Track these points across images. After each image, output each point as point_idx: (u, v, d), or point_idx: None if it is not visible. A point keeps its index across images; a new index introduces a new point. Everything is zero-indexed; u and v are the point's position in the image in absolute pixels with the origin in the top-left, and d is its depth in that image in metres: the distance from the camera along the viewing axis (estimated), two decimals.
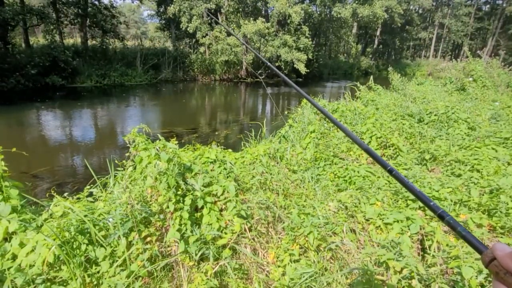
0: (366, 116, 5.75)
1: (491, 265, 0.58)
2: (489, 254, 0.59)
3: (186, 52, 25.27)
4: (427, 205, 0.77)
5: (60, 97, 15.05)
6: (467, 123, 5.89)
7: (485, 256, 0.60)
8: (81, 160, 7.06)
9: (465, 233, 0.67)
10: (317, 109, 1.37)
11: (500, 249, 0.57)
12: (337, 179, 4.14)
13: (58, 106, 13.19)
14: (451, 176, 4.05)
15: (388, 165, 0.93)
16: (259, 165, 3.83)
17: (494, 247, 0.58)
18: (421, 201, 0.79)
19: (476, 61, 11.88)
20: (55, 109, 12.67)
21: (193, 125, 10.46)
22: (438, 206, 0.76)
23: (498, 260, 0.57)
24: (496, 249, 0.58)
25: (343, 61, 39.95)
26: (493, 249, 0.58)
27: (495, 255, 0.58)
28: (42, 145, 8.31)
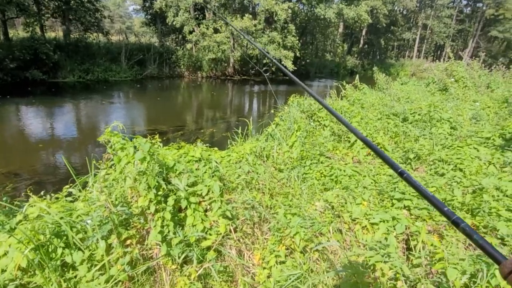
0: (352, 115, 5.77)
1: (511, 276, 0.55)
2: (509, 265, 0.56)
3: (172, 48, 24.88)
4: (441, 210, 0.72)
5: (41, 92, 14.55)
6: (449, 122, 6.00)
7: (505, 267, 0.57)
8: (62, 158, 6.83)
9: (481, 242, 0.63)
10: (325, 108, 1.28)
11: None
12: (323, 178, 4.13)
13: (39, 102, 12.73)
14: (435, 175, 4.11)
15: (399, 168, 0.88)
16: (245, 164, 3.78)
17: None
18: (434, 206, 0.74)
19: (458, 62, 12.15)
20: (35, 105, 12.23)
21: (179, 123, 10.29)
22: (452, 212, 0.71)
23: None
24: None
25: (330, 60, 40.26)
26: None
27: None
28: (20, 142, 8.00)
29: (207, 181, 2.57)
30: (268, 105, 16.38)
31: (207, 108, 14.54)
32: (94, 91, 16.13)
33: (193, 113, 12.94)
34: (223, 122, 10.77)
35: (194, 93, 19.36)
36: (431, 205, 0.75)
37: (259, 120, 11.30)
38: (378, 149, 1.03)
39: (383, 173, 4.07)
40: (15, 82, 15.03)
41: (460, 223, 0.68)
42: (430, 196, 0.76)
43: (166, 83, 21.16)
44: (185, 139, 8.03)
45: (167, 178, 2.65)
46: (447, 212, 0.71)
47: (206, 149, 4.00)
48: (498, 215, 2.63)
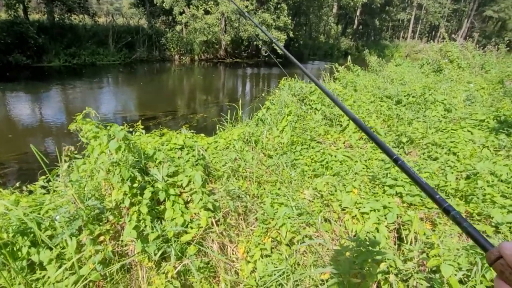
0: (344, 98, 5.60)
1: (497, 263, 0.57)
2: (495, 253, 0.58)
3: (162, 30, 24.13)
4: (433, 198, 0.74)
5: (25, 77, 14.05)
6: (443, 104, 5.87)
7: (491, 254, 0.58)
8: (43, 147, 6.59)
9: (470, 229, 0.64)
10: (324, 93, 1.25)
11: (509, 248, 0.56)
12: (314, 164, 4.00)
13: (22, 88, 12.30)
14: (428, 159, 4.00)
15: (394, 154, 0.90)
16: (232, 151, 3.62)
17: (503, 246, 0.57)
18: (426, 193, 0.76)
19: (452, 43, 11.95)
20: (18, 91, 11.81)
21: (169, 108, 10.02)
22: (444, 199, 0.72)
23: (505, 259, 0.56)
24: (504, 248, 0.56)
25: (324, 41, 39.62)
26: (500, 248, 0.57)
27: (502, 254, 0.56)
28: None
29: (188, 171, 2.41)
30: (261, 88, 16.09)
31: (198, 92, 14.23)
32: (81, 76, 15.62)
33: (183, 97, 12.63)
34: (214, 106, 10.53)
35: (185, 76, 18.92)
36: (424, 192, 0.77)
37: (251, 104, 11.08)
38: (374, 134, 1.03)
39: (375, 158, 3.95)
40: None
41: (451, 211, 0.69)
42: (423, 184, 0.77)
43: (156, 67, 20.62)
44: (174, 124, 7.81)
45: (146, 168, 2.48)
46: (439, 200, 0.72)
47: (191, 135, 3.83)
48: (492, 202, 2.53)
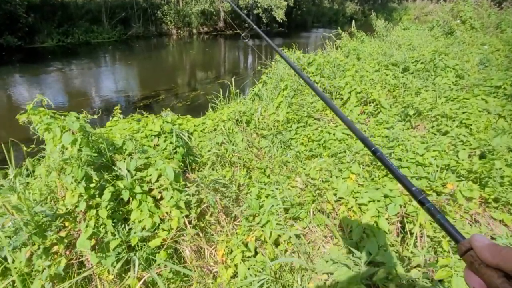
0: (346, 68, 5.14)
1: (467, 254, 0.58)
2: (466, 244, 0.59)
3: (158, 3, 23.11)
4: (409, 190, 0.76)
5: (18, 60, 13.65)
6: (455, 70, 5.36)
7: (462, 245, 0.60)
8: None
9: (443, 221, 0.66)
10: (290, 66, 1.36)
11: (479, 240, 0.58)
12: (311, 143, 3.66)
13: (17, 71, 11.98)
14: (437, 134, 3.62)
15: (373, 146, 0.94)
16: (219, 134, 3.29)
17: (473, 238, 0.59)
18: (403, 185, 0.78)
19: (465, 1, 11.04)
20: (13, 74, 11.49)
21: (166, 86, 9.61)
22: (420, 191, 0.75)
23: (475, 251, 0.57)
24: (475, 240, 0.58)
25: (328, 7, 37.78)
26: (471, 240, 0.59)
27: (472, 245, 0.58)
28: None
29: (159, 163, 2.10)
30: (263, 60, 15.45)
31: (197, 68, 13.69)
32: (75, 56, 15.13)
33: (181, 74, 12.13)
34: (213, 82, 10.07)
35: (183, 52, 18.27)
36: (400, 183, 0.79)
37: (251, 77, 10.59)
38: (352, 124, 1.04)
39: (377, 135, 3.59)
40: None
41: (426, 203, 0.71)
42: (400, 176, 0.79)
43: (153, 43, 19.92)
44: (166, 104, 7.45)
45: (113, 162, 2.18)
46: (414, 192, 0.75)
47: (175, 118, 3.50)
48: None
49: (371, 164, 2.95)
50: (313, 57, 5.43)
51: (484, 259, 0.55)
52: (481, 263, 0.56)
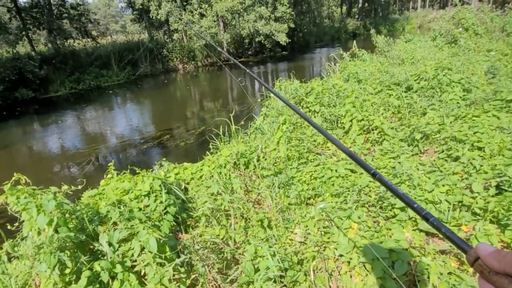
0: (345, 94, 5.00)
1: (476, 264, 0.59)
2: (473, 254, 0.60)
3: (162, 42, 24.01)
4: (412, 207, 0.79)
5: (33, 111, 14.23)
6: (461, 84, 5.13)
7: (470, 256, 0.61)
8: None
9: (449, 234, 0.67)
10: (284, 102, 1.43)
11: (483, 248, 0.58)
12: (313, 181, 3.47)
13: (34, 121, 12.46)
14: (448, 159, 3.37)
15: (372, 169, 0.96)
16: (214, 183, 3.16)
17: (478, 247, 0.60)
18: (405, 203, 0.80)
19: (466, 7, 10.87)
20: (29, 124, 11.93)
21: (171, 125, 9.69)
22: (422, 207, 0.76)
23: (482, 260, 0.58)
24: (479, 249, 0.59)
25: (329, 26, 38.34)
26: (476, 249, 0.60)
27: (478, 254, 0.59)
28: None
29: (143, 233, 1.97)
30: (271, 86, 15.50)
31: (201, 102, 13.85)
32: (87, 100, 15.65)
33: (186, 110, 12.23)
34: (216, 116, 10.10)
35: (189, 86, 18.64)
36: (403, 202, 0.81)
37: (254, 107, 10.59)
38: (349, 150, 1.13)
39: (383, 166, 3.37)
40: (6, 105, 14.75)
41: (429, 218, 0.73)
42: (401, 195, 0.82)
43: (160, 80, 20.47)
44: (170, 145, 7.44)
45: (96, 234, 2.07)
46: (417, 209, 0.76)
47: (173, 167, 3.42)
48: None
49: (377, 204, 2.74)
50: (311, 86, 5.34)
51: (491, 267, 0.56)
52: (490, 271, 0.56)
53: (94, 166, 6.87)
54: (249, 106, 11.17)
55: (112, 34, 37.48)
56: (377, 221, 2.54)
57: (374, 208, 2.71)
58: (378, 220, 2.43)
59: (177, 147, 7.29)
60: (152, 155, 7.22)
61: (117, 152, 7.74)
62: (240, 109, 10.60)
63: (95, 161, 7.16)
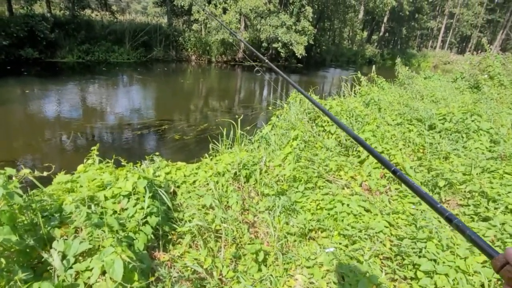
0: (365, 120, 4.59)
1: (504, 270, 0.57)
2: (501, 259, 0.58)
3: (181, 30, 23.63)
4: (434, 207, 0.76)
5: (36, 72, 13.70)
6: (489, 134, 4.76)
7: (497, 261, 0.59)
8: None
9: (474, 237, 0.65)
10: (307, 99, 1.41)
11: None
12: (319, 211, 3.04)
13: (27, 83, 11.93)
14: (475, 217, 2.96)
15: (392, 166, 0.95)
16: (209, 195, 2.71)
17: (508, 252, 0.57)
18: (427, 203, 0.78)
19: (495, 55, 10.60)
20: (31, 85, 11.42)
21: (173, 115, 9.23)
22: (445, 208, 0.74)
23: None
24: (510, 253, 0.56)
25: (347, 47, 38.25)
26: (506, 254, 0.57)
27: (509, 259, 0.56)
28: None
29: (108, 251, 1.52)
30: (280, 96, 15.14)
31: (209, 98, 13.41)
32: (92, 73, 15.15)
33: (191, 103, 11.76)
34: (221, 116, 9.66)
35: (200, 79, 18.21)
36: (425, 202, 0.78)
37: (263, 113, 10.18)
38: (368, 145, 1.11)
39: (401, 212, 2.95)
40: (9, 61, 14.24)
41: (453, 219, 0.70)
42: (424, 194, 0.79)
43: (171, 67, 20.04)
44: (166, 136, 6.97)
45: (49, 242, 1.62)
46: (440, 209, 0.74)
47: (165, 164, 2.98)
48: None
49: (394, 258, 2.31)
50: (330, 103, 4.93)
51: None
52: None
53: (79, 144, 6.35)
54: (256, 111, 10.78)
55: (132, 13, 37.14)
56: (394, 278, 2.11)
57: (390, 262, 2.28)
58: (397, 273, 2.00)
59: (174, 140, 6.82)
60: (145, 143, 6.74)
61: (108, 132, 7.25)
62: (246, 112, 10.16)
63: (82, 137, 6.65)
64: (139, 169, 2.65)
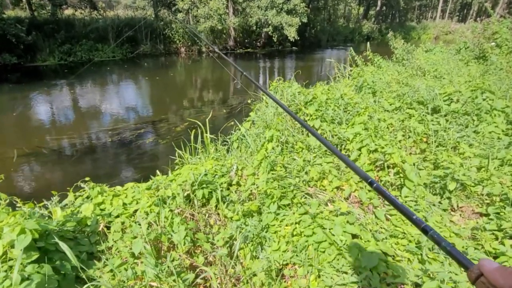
0: (357, 112, 3.85)
1: (478, 281, 0.58)
2: (475, 271, 0.59)
3: (167, 22, 22.65)
4: (410, 219, 0.77)
5: (16, 79, 13.00)
6: (505, 114, 3.99)
7: (472, 272, 0.60)
8: None
9: (450, 248, 0.66)
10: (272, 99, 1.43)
11: (487, 264, 0.57)
12: (296, 238, 2.36)
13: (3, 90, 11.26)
14: (500, 234, 2.25)
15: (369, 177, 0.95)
16: (139, 240, 2.03)
17: (482, 263, 0.58)
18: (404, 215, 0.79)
19: (502, 20, 9.62)
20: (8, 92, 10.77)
21: (155, 115, 8.49)
22: (421, 219, 0.75)
23: (485, 276, 0.56)
24: (483, 265, 0.58)
25: (343, 26, 36.82)
26: (480, 266, 0.58)
27: (482, 271, 0.58)
28: None
29: None
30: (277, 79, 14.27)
31: (196, 93, 12.56)
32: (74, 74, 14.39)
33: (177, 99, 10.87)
34: (207, 112, 8.93)
35: (187, 72, 17.38)
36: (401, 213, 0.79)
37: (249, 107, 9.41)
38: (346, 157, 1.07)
39: (400, 235, 2.25)
40: None
41: (429, 231, 0.71)
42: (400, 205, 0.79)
43: (159, 61, 19.19)
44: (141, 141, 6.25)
45: None
46: (416, 220, 0.75)
47: (58, 214, 2.31)
48: None
49: None
50: (313, 93, 4.18)
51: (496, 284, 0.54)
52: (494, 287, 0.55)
53: (32, 164, 5.55)
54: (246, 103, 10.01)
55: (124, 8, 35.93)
56: None
57: None
58: None
59: (147, 147, 6.08)
60: (112, 154, 5.83)
61: (77, 144, 6.31)
62: (238, 105, 9.42)
63: (38, 156, 5.80)
64: (41, 211, 1.98)
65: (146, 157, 5.62)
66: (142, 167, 5.30)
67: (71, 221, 2.03)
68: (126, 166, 5.45)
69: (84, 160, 5.55)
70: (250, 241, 2.40)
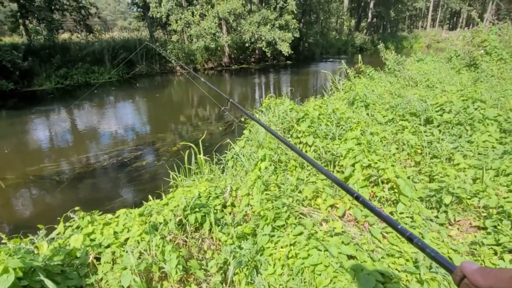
0: (350, 127, 3.85)
1: (462, 283, 0.60)
2: (458, 273, 0.61)
3: (162, 42, 22.99)
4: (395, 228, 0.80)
5: (13, 104, 13.04)
6: (497, 123, 3.99)
7: (455, 275, 0.62)
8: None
9: (434, 254, 0.70)
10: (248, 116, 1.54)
11: (468, 266, 0.60)
12: (292, 260, 2.31)
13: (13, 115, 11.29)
14: (499, 248, 2.21)
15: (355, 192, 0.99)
16: (130, 267, 1.98)
17: (463, 265, 0.61)
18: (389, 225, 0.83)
19: (490, 28, 9.79)
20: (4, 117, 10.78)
21: (150, 136, 8.51)
22: (406, 228, 0.79)
23: (467, 278, 0.59)
24: (464, 267, 0.60)
25: (336, 38, 37.41)
26: (461, 268, 0.61)
27: (464, 273, 0.60)
28: None
29: None
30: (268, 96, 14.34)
31: (191, 111, 12.63)
32: (72, 97, 14.47)
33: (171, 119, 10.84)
34: (202, 130, 8.94)
35: (185, 90, 17.51)
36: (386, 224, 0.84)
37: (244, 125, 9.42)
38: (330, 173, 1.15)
39: (397, 254, 2.20)
40: None
41: (414, 239, 0.75)
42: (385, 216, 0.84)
43: (156, 81, 19.35)
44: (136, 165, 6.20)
45: None
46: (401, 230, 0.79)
47: (44, 248, 2.26)
48: None
49: None
50: (305, 110, 4.19)
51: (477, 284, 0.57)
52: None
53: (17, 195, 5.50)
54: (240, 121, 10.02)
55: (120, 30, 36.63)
56: None
57: None
58: None
59: (144, 167, 6.06)
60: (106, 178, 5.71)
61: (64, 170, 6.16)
62: (232, 121, 9.42)
63: (26, 184, 5.72)
64: (27, 246, 1.94)
65: (141, 180, 5.56)
66: (138, 190, 5.25)
67: (59, 254, 1.99)
68: (121, 190, 5.39)
69: (78, 186, 5.49)
70: (245, 265, 2.34)
